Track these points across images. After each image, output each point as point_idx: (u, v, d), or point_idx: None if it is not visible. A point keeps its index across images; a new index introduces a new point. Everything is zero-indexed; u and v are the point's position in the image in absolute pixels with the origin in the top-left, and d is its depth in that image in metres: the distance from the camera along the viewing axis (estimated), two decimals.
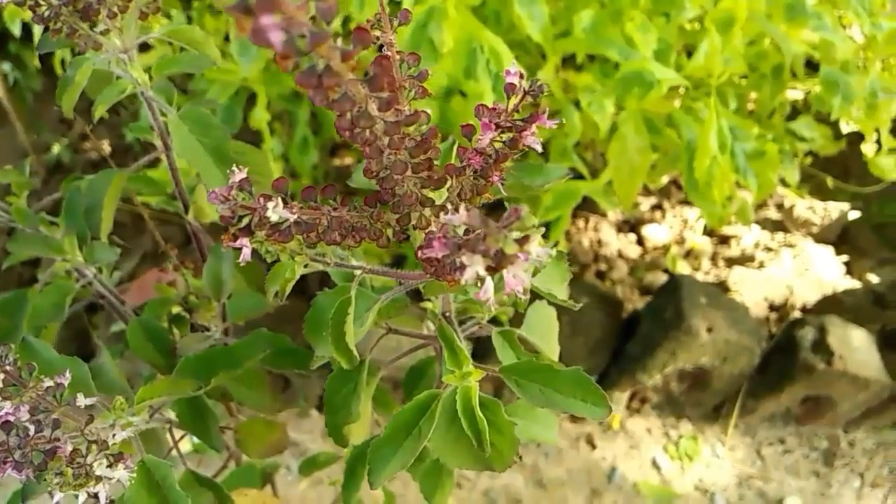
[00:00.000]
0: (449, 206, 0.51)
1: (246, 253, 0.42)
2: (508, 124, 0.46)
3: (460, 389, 0.64)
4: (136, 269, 2.15)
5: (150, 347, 0.93)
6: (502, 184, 0.49)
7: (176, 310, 1.07)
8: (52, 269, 0.92)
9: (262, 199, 0.40)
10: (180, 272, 1.06)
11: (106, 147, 2.42)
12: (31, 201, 0.99)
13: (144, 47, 1.80)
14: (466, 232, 0.38)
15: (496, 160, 0.48)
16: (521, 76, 0.46)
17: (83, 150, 2.48)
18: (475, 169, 0.50)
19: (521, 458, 0.71)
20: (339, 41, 0.32)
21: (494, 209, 0.60)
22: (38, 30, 0.71)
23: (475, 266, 0.35)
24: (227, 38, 1.68)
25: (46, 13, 0.68)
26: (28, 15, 0.70)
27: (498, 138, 0.47)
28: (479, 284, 0.41)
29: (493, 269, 0.36)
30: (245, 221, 0.40)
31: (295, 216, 0.42)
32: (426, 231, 0.50)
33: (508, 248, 0.33)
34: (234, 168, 0.41)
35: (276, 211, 0.40)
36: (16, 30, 1.78)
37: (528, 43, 1.57)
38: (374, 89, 0.35)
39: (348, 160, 2.27)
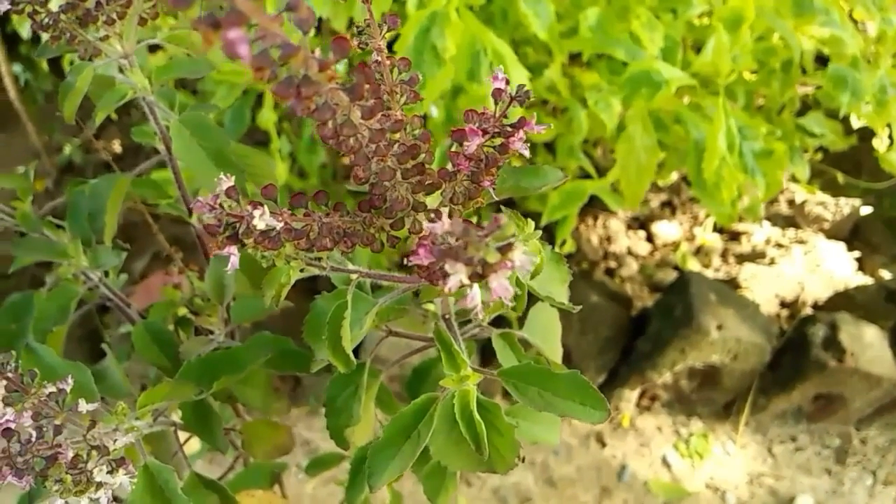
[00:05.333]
0: (442, 211, 0.51)
1: (234, 261, 0.42)
2: (497, 130, 0.46)
3: (458, 393, 0.63)
4: (147, 269, 2.16)
5: (155, 350, 0.94)
6: (493, 188, 0.49)
7: (182, 312, 1.07)
8: (58, 272, 0.93)
9: (249, 207, 0.40)
10: (185, 274, 1.07)
11: (117, 147, 2.44)
12: (42, 201, 1.00)
13: (155, 48, 1.81)
14: (457, 239, 0.37)
15: (487, 165, 0.47)
16: (507, 82, 0.45)
17: (95, 151, 2.49)
18: (467, 174, 0.49)
19: (523, 459, 0.71)
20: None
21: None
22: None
23: (458, 274, 0.35)
24: None
25: (45, 20, 0.69)
26: None
27: (488, 143, 0.47)
28: (469, 290, 0.41)
29: (477, 277, 0.36)
30: (231, 230, 0.40)
31: (282, 224, 0.42)
32: (419, 236, 0.50)
33: (490, 256, 0.33)
34: (223, 175, 0.41)
35: (262, 219, 0.40)
36: (25, 32, 1.79)
37: (535, 40, 1.57)
38: (356, 98, 0.35)
39: None
